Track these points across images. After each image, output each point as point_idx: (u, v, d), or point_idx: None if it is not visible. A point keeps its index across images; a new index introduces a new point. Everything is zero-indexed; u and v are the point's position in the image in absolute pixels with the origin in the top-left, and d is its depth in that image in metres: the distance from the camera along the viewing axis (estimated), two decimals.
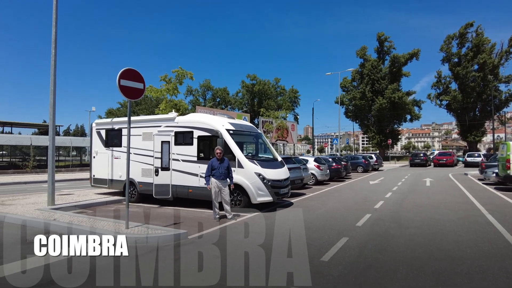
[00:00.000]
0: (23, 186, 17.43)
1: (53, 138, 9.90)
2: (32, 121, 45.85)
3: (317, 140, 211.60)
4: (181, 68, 17.87)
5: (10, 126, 40.82)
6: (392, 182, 18.53)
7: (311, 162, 17.55)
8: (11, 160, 30.39)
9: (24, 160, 28.75)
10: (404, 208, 10.08)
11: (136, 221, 7.54)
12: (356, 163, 28.53)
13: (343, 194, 13.71)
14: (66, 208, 9.57)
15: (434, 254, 5.47)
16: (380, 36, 57.25)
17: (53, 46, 9.72)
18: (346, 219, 8.31)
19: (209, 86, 74.81)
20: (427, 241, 6.25)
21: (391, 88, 53.80)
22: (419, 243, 6.13)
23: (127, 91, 6.89)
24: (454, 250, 5.67)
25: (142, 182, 11.05)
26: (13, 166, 28.21)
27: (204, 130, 9.95)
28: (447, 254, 5.50)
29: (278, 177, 9.78)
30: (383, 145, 57.57)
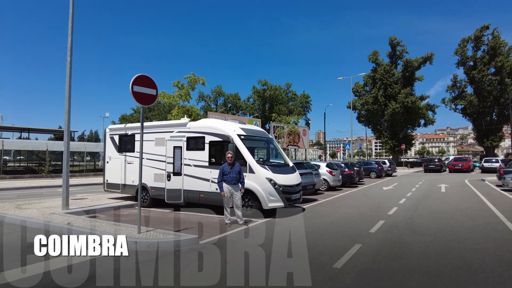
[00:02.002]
0: (38, 191, 17.79)
1: (68, 143, 10.09)
2: (48, 127, 46.97)
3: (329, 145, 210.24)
4: (193, 74, 18.08)
5: (28, 131, 41.93)
6: (406, 188, 18.25)
7: (323, 167, 17.43)
8: (28, 164, 31.09)
9: (40, 165, 29.36)
10: (419, 214, 9.90)
11: (148, 226, 7.60)
12: (369, 168, 28.21)
13: (356, 200, 13.55)
14: (80, 212, 9.71)
15: (451, 263, 5.33)
16: (393, 40, 56.76)
17: (68, 53, 9.95)
18: (359, 226, 8.20)
19: (220, 91, 75.35)
20: (443, 249, 6.10)
21: (404, 93, 53.11)
22: (434, 251, 5.98)
23: (140, 97, 6.97)
24: (472, 259, 5.51)
25: (154, 187, 11.13)
26: (29, 171, 28.85)
27: (216, 136, 9.99)
28: (465, 262, 5.34)
29: (290, 183, 9.72)
30: (397, 150, 56.74)
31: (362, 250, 5.97)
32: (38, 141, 39.13)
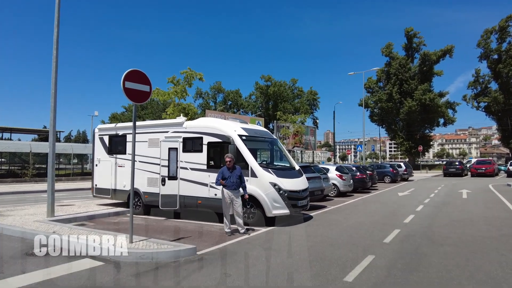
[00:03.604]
0: (22, 196, 17.87)
1: (53, 144, 10.14)
2: (32, 127, 47.23)
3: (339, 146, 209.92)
4: (190, 69, 18.13)
5: (10, 132, 42.17)
6: (423, 194, 18.20)
7: (332, 171, 17.39)
8: (10, 168, 31.22)
9: (23, 168, 29.49)
10: (438, 223, 9.87)
11: (141, 235, 7.61)
12: (383, 172, 28.17)
13: (368, 207, 13.53)
14: (66, 220, 9.73)
15: (474, 276, 5.31)
16: (409, 32, 56.74)
17: (54, 47, 10.00)
18: (372, 235, 8.18)
19: (220, 88, 75.54)
20: (464, 261, 6.07)
21: (422, 89, 53.06)
22: (455, 263, 5.96)
23: (132, 94, 6.99)
24: (497, 272, 5.48)
25: (147, 192, 11.16)
26: (12, 175, 28.97)
27: (215, 136, 10.01)
28: (489, 275, 5.32)
29: (296, 188, 9.71)
30: (413, 152, 56.63)
31: (375, 262, 5.95)
32: (21, 142, 39.33)
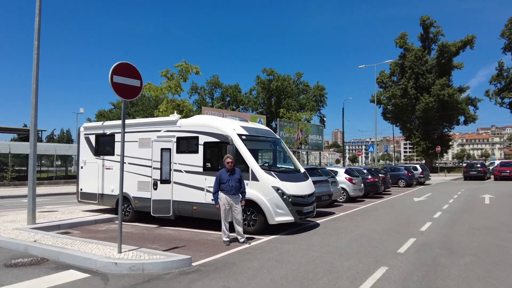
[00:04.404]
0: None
1: (34, 145, 10.16)
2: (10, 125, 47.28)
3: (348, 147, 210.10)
4: (185, 62, 18.13)
5: None
6: (441, 199, 18.19)
7: (341, 174, 17.40)
8: None
9: (1, 171, 29.57)
10: (457, 231, 9.86)
11: (131, 244, 7.62)
12: (397, 175, 28.16)
13: (381, 213, 13.53)
14: (49, 227, 9.76)
15: None
16: (425, 21, 56.65)
17: (36, 37, 10.03)
18: (385, 245, 8.18)
19: (217, 83, 75.60)
20: (487, 273, 6.06)
21: (440, 84, 52.97)
22: (477, 276, 5.95)
23: (121, 89, 7.01)
24: None
25: (138, 197, 11.18)
26: None
27: (212, 136, 10.02)
28: None
29: (301, 192, 9.72)
30: (430, 153, 56.56)
31: (388, 274, 5.95)
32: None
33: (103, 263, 6.22)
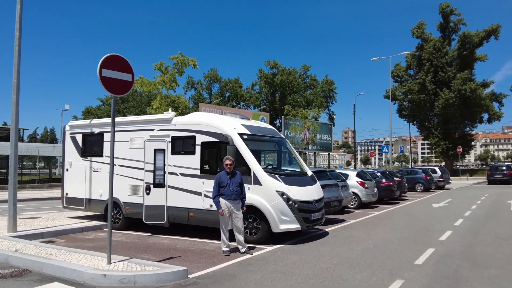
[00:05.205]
0: None
1: (15, 145, 10.17)
2: None
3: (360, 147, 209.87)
4: (181, 54, 18.13)
5: None
6: (463, 205, 18.15)
7: (352, 177, 17.37)
8: None
9: None
10: (481, 240, 9.85)
11: (121, 254, 7.62)
12: (414, 179, 28.14)
13: (396, 221, 13.52)
14: (31, 236, 9.77)
15: None
16: (444, 8, 56.51)
17: (17, 27, 10.04)
18: (401, 255, 8.17)
19: (216, 77, 75.70)
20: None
21: (461, 78, 52.86)
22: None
23: (110, 84, 7.01)
24: None
25: (129, 202, 11.18)
26: None
27: (210, 135, 10.02)
28: None
29: (308, 198, 9.71)
30: (451, 154, 56.45)
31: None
32: None
33: (91, 275, 6.22)
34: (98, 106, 76.55)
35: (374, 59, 38.96)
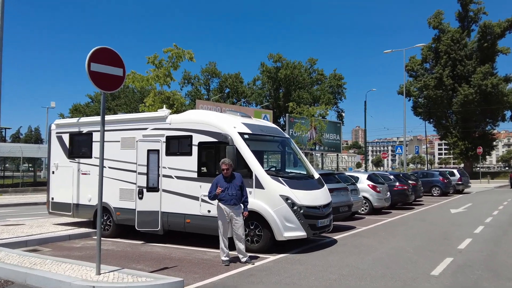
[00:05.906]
0: None
1: None
2: None
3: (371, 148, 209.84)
4: (177, 46, 18.14)
5: None
6: (484, 211, 18.14)
7: (363, 180, 17.37)
8: None
9: None
10: (504, 249, 9.84)
11: (112, 264, 7.63)
12: (430, 182, 28.13)
13: (411, 228, 13.51)
14: (14, 244, 9.76)
15: None
16: None
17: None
18: (416, 266, 8.16)
19: (214, 71, 75.65)
20: None
21: (482, 72, 52.81)
22: None
23: (100, 79, 7.02)
24: None
25: (120, 208, 11.19)
26: None
27: (208, 134, 10.02)
28: None
29: (315, 203, 9.70)
30: (470, 155, 56.40)
31: None
32: None
33: (79, 287, 6.23)
34: (86, 103, 76.63)
35: (386, 52, 38.95)
